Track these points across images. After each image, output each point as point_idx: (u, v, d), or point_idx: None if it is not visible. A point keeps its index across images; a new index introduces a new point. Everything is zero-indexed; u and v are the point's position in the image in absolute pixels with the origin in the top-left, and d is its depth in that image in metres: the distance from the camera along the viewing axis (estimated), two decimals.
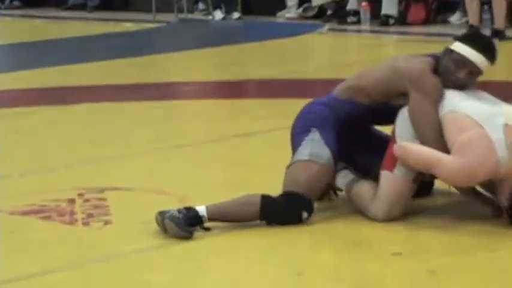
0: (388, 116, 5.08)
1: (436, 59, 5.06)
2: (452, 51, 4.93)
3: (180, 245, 4.76)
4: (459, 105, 4.88)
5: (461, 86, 4.91)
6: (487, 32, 10.94)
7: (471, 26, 11.18)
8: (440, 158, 4.78)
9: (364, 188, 5.09)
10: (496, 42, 10.74)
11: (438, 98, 4.94)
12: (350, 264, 4.51)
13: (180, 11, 13.85)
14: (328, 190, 5.26)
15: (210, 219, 4.92)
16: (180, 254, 4.70)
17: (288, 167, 5.03)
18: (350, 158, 5.22)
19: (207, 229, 4.91)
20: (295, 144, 5.08)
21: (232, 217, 4.99)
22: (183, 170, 6.22)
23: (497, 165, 4.67)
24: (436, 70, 5.01)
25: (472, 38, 5.10)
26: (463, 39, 5.03)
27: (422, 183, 5.12)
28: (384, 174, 5.00)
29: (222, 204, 5.01)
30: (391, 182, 4.99)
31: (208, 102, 8.75)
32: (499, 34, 11.09)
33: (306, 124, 5.10)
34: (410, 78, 4.95)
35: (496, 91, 5.43)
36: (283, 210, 5.00)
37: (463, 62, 4.88)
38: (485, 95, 5.03)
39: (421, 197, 5.24)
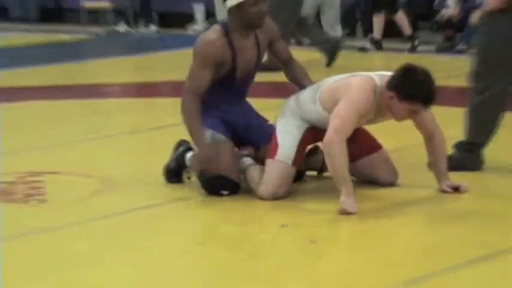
0: None
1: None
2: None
3: (103, 220, 4.80)
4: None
5: None
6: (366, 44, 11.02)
7: (374, 41, 10.98)
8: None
9: (255, 173, 5.04)
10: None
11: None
12: (245, 235, 4.55)
13: (107, 24, 13.73)
14: None
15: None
16: (101, 228, 4.72)
17: None
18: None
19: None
20: None
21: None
22: (106, 157, 6.26)
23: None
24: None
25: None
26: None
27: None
28: (268, 162, 4.97)
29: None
30: (274, 167, 4.96)
31: (129, 100, 8.78)
32: (377, 44, 11.04)
33: None
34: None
35: None
36: (205, 188, 5.03)
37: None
38: None
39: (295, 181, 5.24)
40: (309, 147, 5.16)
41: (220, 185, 4.97)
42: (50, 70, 10.14)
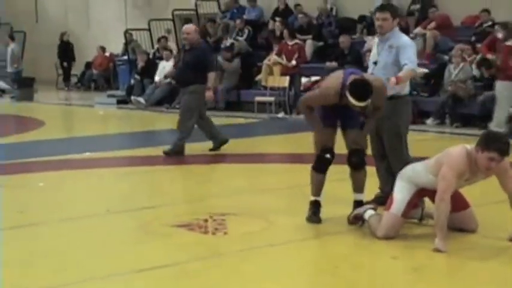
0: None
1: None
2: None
3: (267, 248, 5.11)
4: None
5: None
6: None
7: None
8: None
9: (375, 220, 5.35)
10: None
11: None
12: (367, 262, 4.92)
13: (270, 112, 14.05)
14: (358, 222, 5.54)
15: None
16: (265, 254, 5.02)
17: None
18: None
19: None
20: None
21: None
22: (267, 204, 6.51)
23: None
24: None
25: None
26: None
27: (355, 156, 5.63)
28: (385, 213, 5.29)
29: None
30: (388, 217, 5.26)
31: (282, 165, 8.92)
32: None
33: None
34: None
35: None
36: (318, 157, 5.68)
37: None
38: None
39: (352, 165, 5.63)
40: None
41: (324, 151, 5.61)
42: (232, 143, 9.95)
